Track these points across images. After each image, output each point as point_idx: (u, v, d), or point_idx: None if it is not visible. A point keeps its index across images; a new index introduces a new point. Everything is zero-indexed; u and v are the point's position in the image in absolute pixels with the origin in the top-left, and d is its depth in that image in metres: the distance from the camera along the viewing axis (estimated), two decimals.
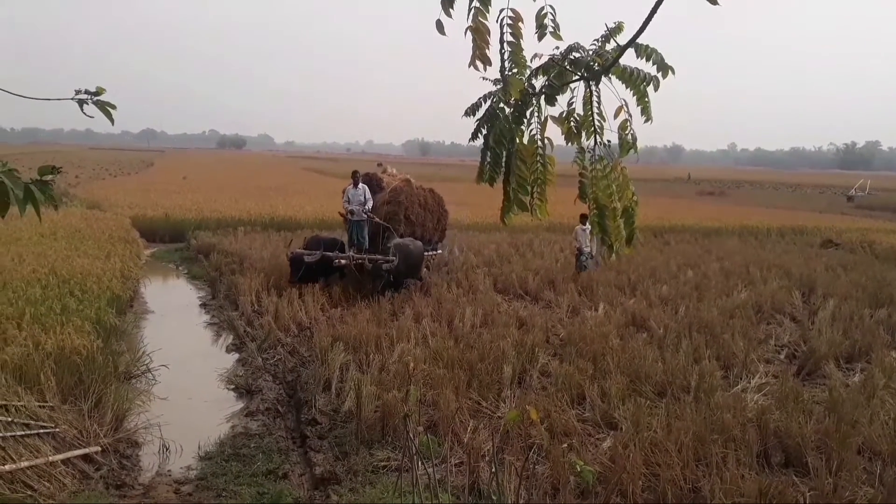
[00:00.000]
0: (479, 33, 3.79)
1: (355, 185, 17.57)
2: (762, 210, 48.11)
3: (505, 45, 3.93)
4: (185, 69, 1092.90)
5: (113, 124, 3.99)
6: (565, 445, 7.66)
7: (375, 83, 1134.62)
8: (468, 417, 8.61)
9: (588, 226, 15.61)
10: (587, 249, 18.82)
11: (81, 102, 3.71)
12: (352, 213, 17.46)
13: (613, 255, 4.44)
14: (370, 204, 17.43)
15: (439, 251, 19.90)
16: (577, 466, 4.13)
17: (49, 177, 3.61)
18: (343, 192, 18.14)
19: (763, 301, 15.98)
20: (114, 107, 3.81)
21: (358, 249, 17.25)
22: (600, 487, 6.97)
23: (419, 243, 17.19)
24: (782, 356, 12.36)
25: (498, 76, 4.13)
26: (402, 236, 17.05)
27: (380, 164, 21.27)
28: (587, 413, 9.19)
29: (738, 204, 55.78)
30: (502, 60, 3.95)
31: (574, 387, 9.76)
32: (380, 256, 15.87)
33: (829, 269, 21.44)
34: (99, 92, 3.75)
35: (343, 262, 16.26)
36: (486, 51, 3.77)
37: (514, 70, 4.06)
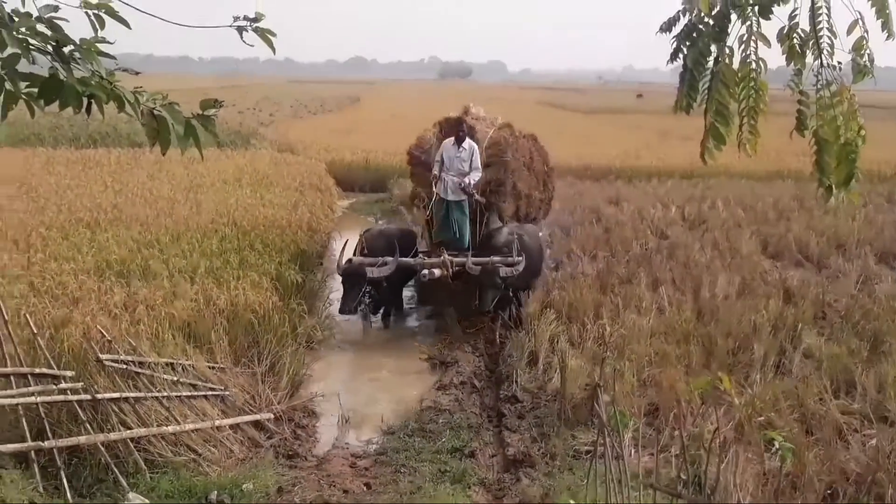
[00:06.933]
0: None
1: (458, 142, 13.25)
2: None
3: None
4: None
5: (274, 52, 4.62)
6: (738, 400, 7.89)
7: None
8: (699, 402, 8.92)
9: None
10: None
11: (241, 29, 4.36)
12: (436, 180, 13.18)
13: (832, 198, 4.67)
14: (477, 175, 13.17)
15: (541, 233, 15.79)
16: (772, 438, 4.42)
17: (211, 111, 4.37)
18: (431, 152, 14.36)
19: None
20: (273, 34, 4.41)
21: (453, 247, 13.02)
22: (851, 488, 7.15)
23: (534, 231, 14.19)
24: None
25: None
26: (504, 220, 13.92)
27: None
28: (856, 405, 9.22)
29: None
30: None
31: (841, 371, 9.79)
32: (496, 258, 12.17)
33: None
34: (258, 18, 4.35)
35: (437, 272, 12.39)
36: None
37: None
